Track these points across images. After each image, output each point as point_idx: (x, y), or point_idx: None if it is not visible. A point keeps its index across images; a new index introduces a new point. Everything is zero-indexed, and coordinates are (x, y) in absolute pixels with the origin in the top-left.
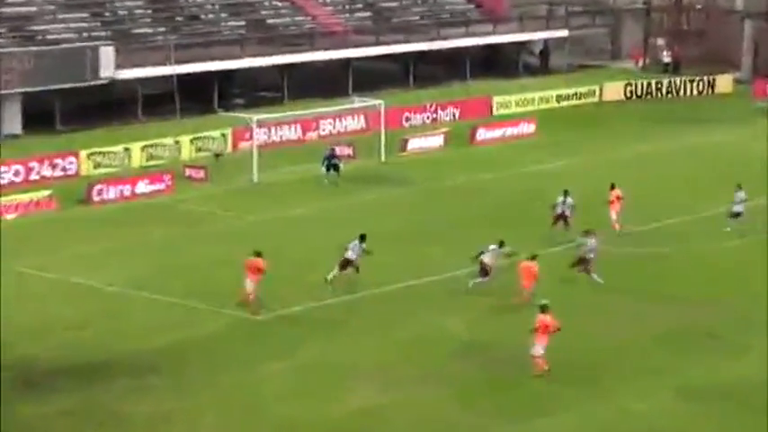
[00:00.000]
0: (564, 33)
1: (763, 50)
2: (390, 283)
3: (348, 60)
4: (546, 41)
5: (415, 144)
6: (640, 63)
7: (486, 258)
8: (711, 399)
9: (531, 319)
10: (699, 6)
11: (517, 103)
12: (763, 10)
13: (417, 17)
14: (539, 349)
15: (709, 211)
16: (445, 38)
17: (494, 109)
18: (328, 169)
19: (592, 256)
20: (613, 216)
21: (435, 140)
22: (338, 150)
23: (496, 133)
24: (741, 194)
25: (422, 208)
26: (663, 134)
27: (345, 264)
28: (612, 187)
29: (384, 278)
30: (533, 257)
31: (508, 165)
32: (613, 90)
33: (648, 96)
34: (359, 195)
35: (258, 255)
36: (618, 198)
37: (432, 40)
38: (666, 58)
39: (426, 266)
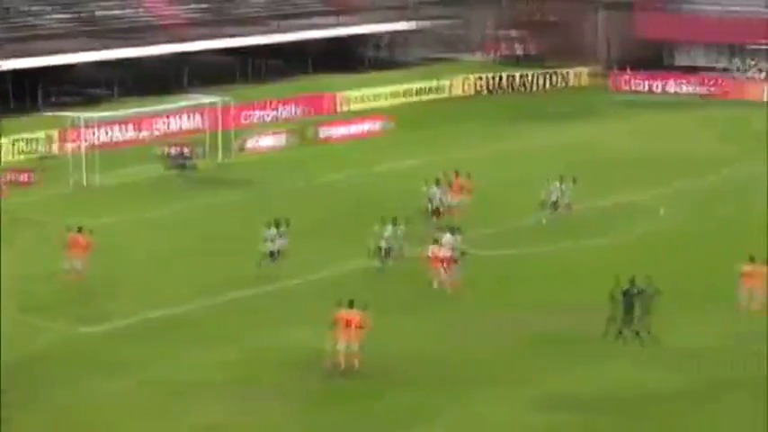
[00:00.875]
0: (413, 25)
1: (619, 42)
2: (227, 293)
3: (184, 55)
4: (393, 34)
5: (255, 143)
6: (492, 55)
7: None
8: (574, 407)
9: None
10: None
11: (364, 99)
12: (618, 0)
13: (257, 9)
14: (341, 345)
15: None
16: (287, 30)
17: (339, 105)
18: (182, 168)
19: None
20: (454, 202)
21: (277, 139)
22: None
23: (342, 131)
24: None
25: (261, 211)
26: (516, 130)
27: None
28: (457, 176)
29: (222, 286)
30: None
31: (354, 164)
32: (464, 84)
33: (501, 90)
34: (195, 199)
35: (79, 230)
36: (462, 187)
37: (273, 32)
38: (520, 50)
39: (264, 275)
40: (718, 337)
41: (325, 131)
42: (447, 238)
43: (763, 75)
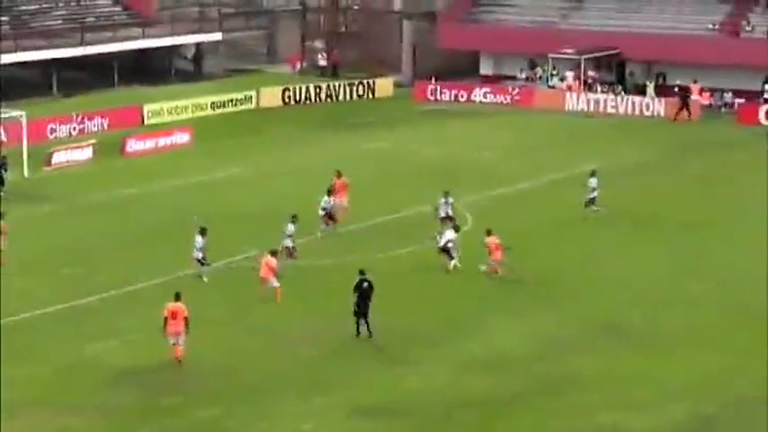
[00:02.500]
0: (218, 36)
1: (423, 52)
2: (32, 309)
3: None
4: (198, 45)
5: (61, 157)
6: (298, 67)
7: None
8: (387, 415)
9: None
10: (356, 7)
11: (170, 111)
12: (421, 11)
13: (59, 21)
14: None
15: (375, 219)
16: (91, 43)
17: (145, 118)
18: None
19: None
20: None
21: (83, 153)
22: None
23: (149, 144)
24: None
25: (68, 226)
26: (324, 140)
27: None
28: (339, 176)
29: (25, 304)
30: None
31: (162, 177)
32: (271, 95)
33: (308, 101)
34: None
35: None
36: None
37: (76, 45)
38: (323, 61)
39: (69, 290)
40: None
41: (132, 145)
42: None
43: (564, 84)
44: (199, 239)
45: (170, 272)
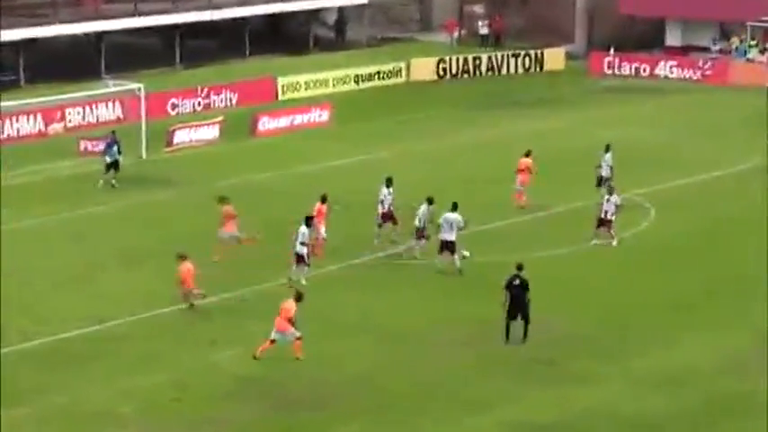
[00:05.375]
0: (364, 0)
1: (600, 19)
2: (150, 310)
3: (100, 35)
4: (341, 10)
5: (183, 137)
6: (455, 35)
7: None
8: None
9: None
10: None
11: (308, 86)
12: None
13: None
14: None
15: (546, 211)
16: (218, 6)
17: (279, 92)
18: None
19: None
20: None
21: (209, 132)
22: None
23: (283, 122)
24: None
25: (189, 215)
26: (484, 120)
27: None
28: (528, 154)
29: (142, 304)
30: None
31: (297, 160)
32: (424, 68)
33: (465, 75)
34: (113, 202)
35: None
36: (527, 169)
37: (201, 9)
38: (484, 28)
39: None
40: None
41: (264, 123)
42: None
43: (765, 57)
44: (303, 230)
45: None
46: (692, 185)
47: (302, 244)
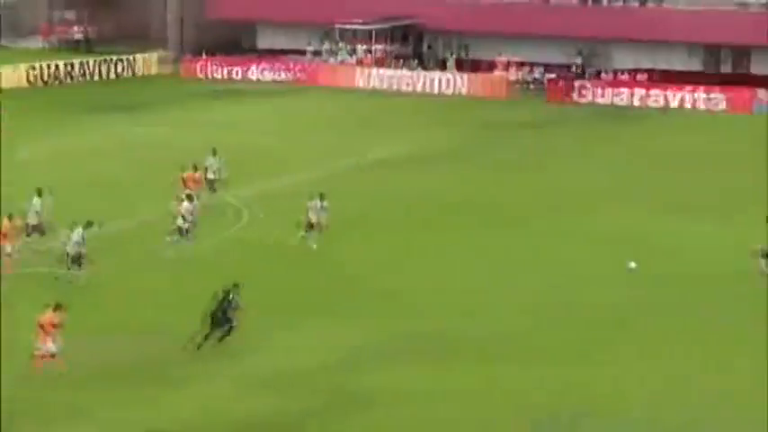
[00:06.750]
0: None
1: (192, 24)
2: None
3: None
4: None
5: None
6: (47, 41)
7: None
8: None
9: None
10: None
11: None
12: None
13: None
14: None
15: (142, 217)
16: None
17: None
18: None
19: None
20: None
21: None
22: None
23: None
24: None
25: None
26: (79, 126)
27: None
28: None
29: None
30: None
31: None
32: (13, 76)
33: (57, 81)
34: None
35: None
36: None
37: None
38: (78, 34)
39: None
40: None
41: None
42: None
43: (353, 58)
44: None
45: None
46: (287, 186)
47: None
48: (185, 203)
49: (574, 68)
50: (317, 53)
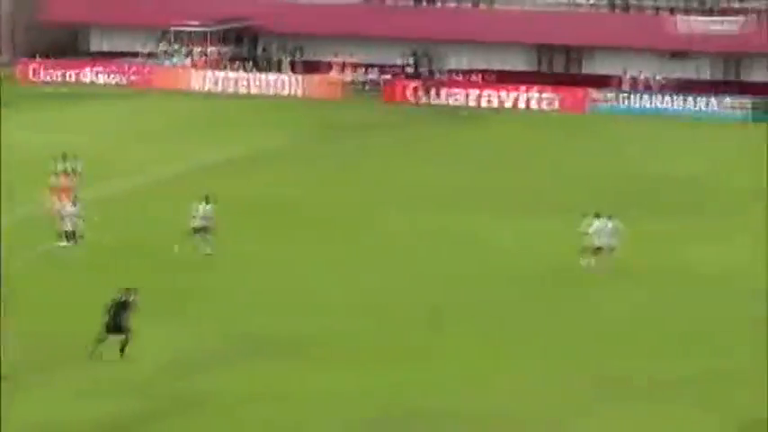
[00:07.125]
0: None
1: (25, 27)
2: None
3: None
4: None
5: None
6: None
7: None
8: None
9: None
10: None
11: None
12: None
13: None
14: None
15: None
16: None
17: None
18: None
19: None
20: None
21: None
22: None
23: None
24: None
25: None
26: None
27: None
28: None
29: None
30: None
31: None
32: None
33: None
34: None
35: None
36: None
37: None
38: None
39: None
40: None
41: None
42: None
43: (189, 61)
44: None
45: None
46: (119, 192)
47: None
48: (69, 207)
49: (408, 69)
50: (151, 55)
